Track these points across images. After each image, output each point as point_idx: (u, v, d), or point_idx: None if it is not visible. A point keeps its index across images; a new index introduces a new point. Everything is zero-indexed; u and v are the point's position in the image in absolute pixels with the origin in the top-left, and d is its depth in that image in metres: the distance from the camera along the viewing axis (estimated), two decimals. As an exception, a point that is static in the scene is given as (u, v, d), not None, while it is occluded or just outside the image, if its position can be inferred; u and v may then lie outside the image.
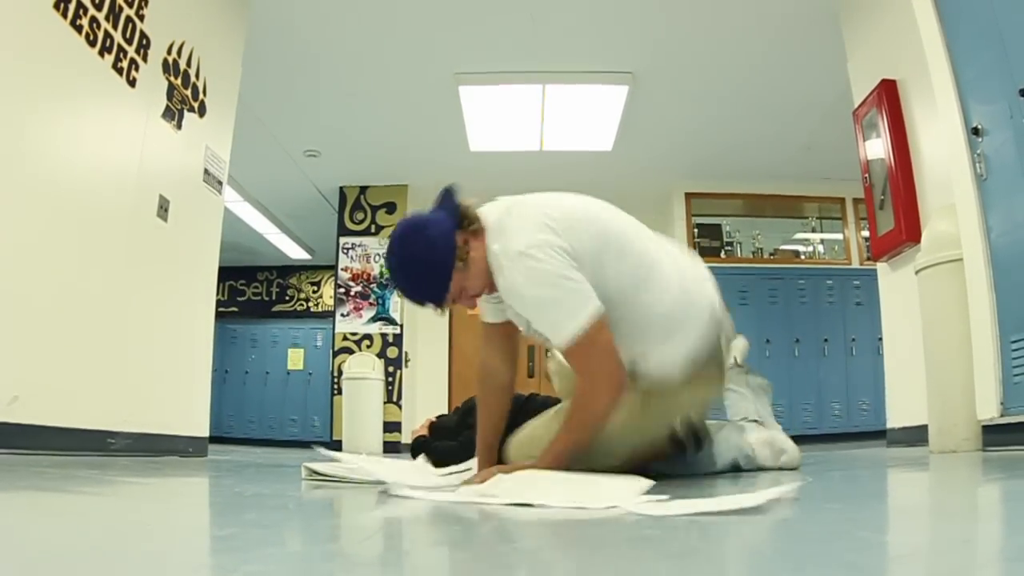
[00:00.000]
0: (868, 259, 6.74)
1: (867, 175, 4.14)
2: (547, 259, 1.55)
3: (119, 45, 3.09)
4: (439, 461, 2.29)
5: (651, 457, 1.81)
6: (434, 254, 1.60)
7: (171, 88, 3.55)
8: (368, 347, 7.19)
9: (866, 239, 6.87)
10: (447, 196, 1.69)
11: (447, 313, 1.71)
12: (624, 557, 0.76)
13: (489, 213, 1.69)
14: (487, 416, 1.85)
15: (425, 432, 2.68)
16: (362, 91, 5.60)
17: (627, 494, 1.24)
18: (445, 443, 2.49)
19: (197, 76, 3.79)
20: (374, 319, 7.30)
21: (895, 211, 3.80)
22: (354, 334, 7.25)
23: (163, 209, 3.49)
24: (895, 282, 3.99)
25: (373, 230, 7.44)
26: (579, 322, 1.52)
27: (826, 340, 6.85)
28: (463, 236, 1.63)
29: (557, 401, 2.10)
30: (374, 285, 7.35)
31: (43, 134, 2.69)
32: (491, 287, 1.69)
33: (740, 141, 6.43)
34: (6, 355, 2.43)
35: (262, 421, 9.93)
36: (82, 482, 1.81)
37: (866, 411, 6.50)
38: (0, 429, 2.35)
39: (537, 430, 1.84)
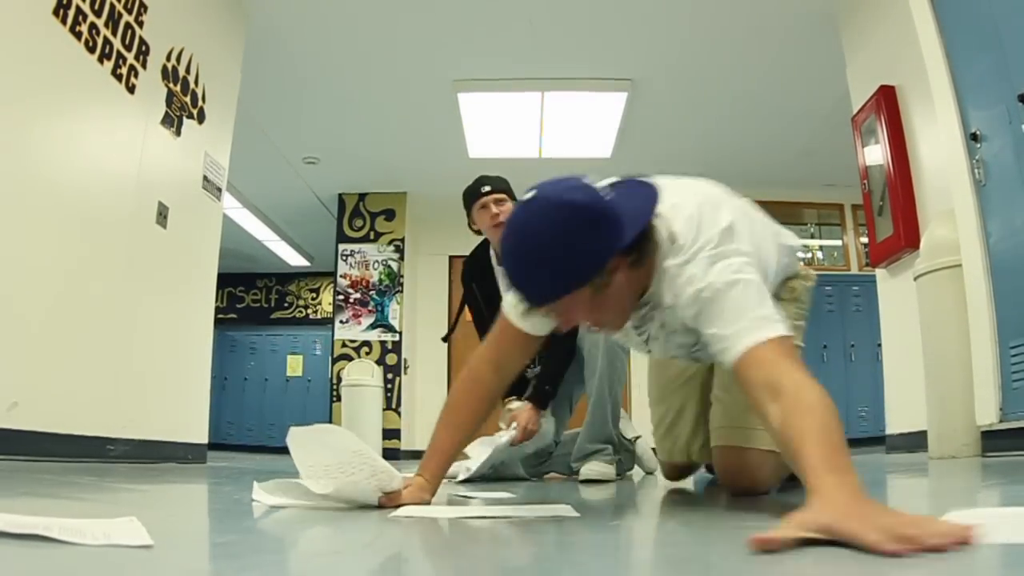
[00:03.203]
0: (867, 265, 6.74)
1: (866, 181, 4.15)
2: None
3: (118, 51, 3.09)
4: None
5: None
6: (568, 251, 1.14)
7: (170, 95, 3.55)
8: (367, 354, 7.18)
9: (865, 245, 6.88)
10: (641, 202, 1.26)
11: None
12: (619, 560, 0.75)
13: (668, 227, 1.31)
14: (458, 424, 1.52)
15: None
16: (361, 98, 5.61)
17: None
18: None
19: (196, 83, 3.80)
20: (373, 326, 7.29)
21: (894, 217, 3.80)
22: (353, 341, 7.25)
23: (162, 216, 3.49)
24: (894, 288, 3.99)
25: (372, 237, 7.44)
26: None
27: (825, 346, 6.84)
28: (618, 261, 1.20)
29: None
30: (373, 292, 7.35)
31: (42, 140, 2.69)
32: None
33: (739, 147, 6.43)
34: (5, 361, 2.43)
35: (261, 428, 9.90)
36: (81, 488, 1.81)
37: (865, 417, 6.47)
38: (-2, 436, 2.35)
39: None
